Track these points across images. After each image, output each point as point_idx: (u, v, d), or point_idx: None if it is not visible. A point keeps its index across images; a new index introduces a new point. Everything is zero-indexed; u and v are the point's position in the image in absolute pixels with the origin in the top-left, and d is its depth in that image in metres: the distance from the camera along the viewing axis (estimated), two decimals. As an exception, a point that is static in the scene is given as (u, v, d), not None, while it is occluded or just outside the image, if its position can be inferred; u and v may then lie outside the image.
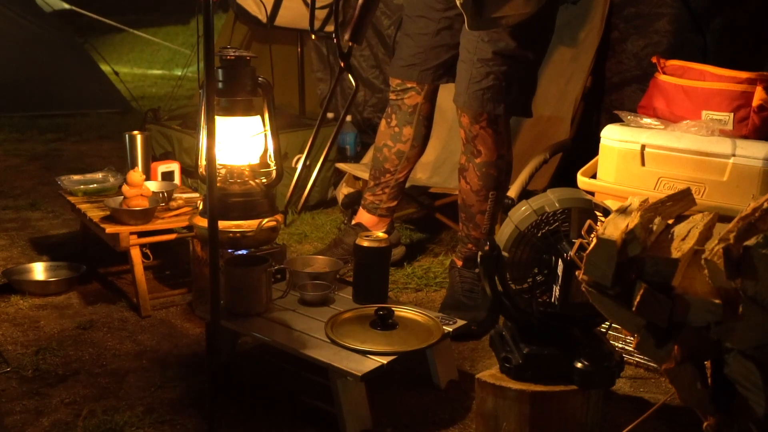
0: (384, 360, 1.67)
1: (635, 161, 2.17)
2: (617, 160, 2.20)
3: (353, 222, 2.66)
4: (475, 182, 2.32)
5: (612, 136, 2.23)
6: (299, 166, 2.13)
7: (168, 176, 2.76)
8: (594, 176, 2.28)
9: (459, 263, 2.41)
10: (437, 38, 2.40)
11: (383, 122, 2.60)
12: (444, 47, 2.40)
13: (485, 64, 2.19)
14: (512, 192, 2.65)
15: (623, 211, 1.28)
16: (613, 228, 1.20)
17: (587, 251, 1.20)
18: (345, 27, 1.98)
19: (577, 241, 1.36)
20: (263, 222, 2.02)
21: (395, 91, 2.55)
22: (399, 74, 2.51)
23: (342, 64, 1.93)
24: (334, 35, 1.94)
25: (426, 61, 2.43)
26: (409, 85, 2.49)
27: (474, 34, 2.20)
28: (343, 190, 3.36)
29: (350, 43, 1.98)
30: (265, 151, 2.15)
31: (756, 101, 2.07)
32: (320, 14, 3.47)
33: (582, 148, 2.76)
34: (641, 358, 2.00)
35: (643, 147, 2.16)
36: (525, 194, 2.57)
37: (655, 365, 1.93)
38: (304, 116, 3.74)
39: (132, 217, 2.30)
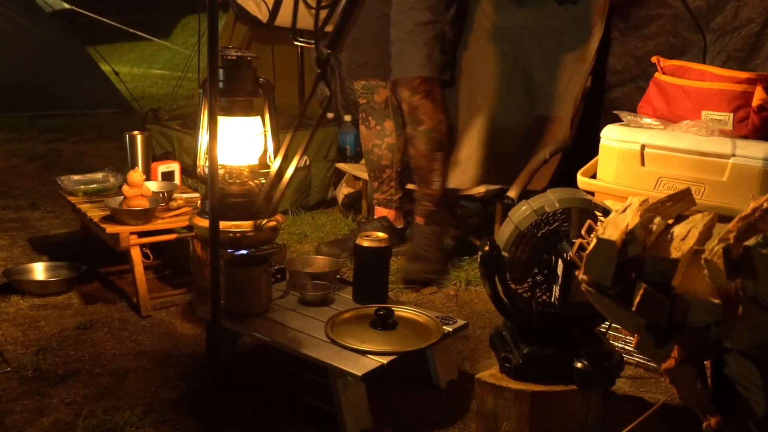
0: (384, 360, 1.67)
1: (635, 161, 2.17)
2: (617, 160, 2.20)
3: (376, 216, 2.84)
4: (423, 147, 2.58)
5: (612, 136, 2.23)
6: (275, 164, 2.10)
7: (168, 176, 2.76)
8: (594, 176, 2.28)
9: (422, 221, 2.64)
10: (379, 33, 2.58)
11: (362, 127, 2.81)
12: (388, 41, 2.57)
13: (408, 35, 2.46)
14: (512, 192, 2.66)
15: (623, 211, 1.28)
16: (613, 228, 1.20)
17: (587, 251, 1.20)
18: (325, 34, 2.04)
19: (577, 241, 1.36)
20: (263, 222, 2.02)
21: (363, 94, 2.73)
22: (357, 75, 2.72)
23: (319, 71, 1.97)
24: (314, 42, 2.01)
25: (376, 58, 2.62)
26: (373, 83, 2.68)
27: (396, 16, 2.48)
28: (343, 190, 3.36)
29: (328, 51, 2.00)
30: (265, 151, 2.15)
31: (756, 101, 2.07)
32: (321, 14, 3.46)
33: (582, 148, 2.75)
34: (641, 358, 2.00)
35: (643, 147, 2.16)
36: (525, 194, 2.57)
37: (655, 365, 1.93)
38: (304, 116, 3.74)
39: (132, 217, 2.30)
